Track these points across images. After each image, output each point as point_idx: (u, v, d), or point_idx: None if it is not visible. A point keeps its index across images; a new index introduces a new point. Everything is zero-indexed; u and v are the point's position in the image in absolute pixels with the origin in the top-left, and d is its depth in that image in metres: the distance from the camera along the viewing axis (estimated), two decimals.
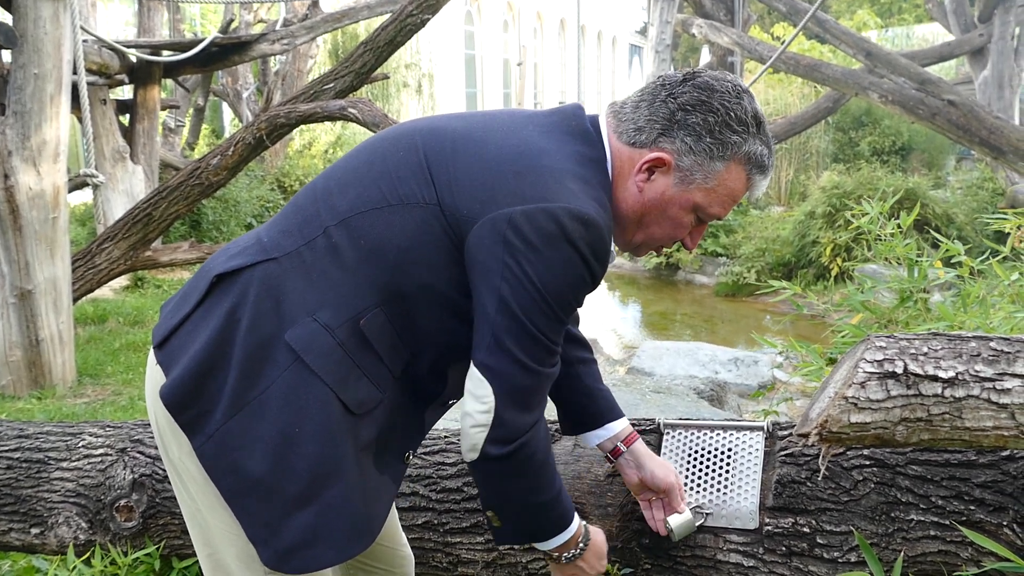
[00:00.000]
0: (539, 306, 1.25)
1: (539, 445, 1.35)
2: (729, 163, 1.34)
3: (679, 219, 1.38)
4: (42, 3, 4.03)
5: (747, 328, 7.11)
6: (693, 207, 1.36)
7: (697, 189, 1.35)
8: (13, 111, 4.17)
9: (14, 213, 4.26)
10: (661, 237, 1.41)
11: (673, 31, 10.59)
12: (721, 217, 1.40)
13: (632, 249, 1.45)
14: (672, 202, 1.36)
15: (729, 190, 1.36)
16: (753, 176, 1.37)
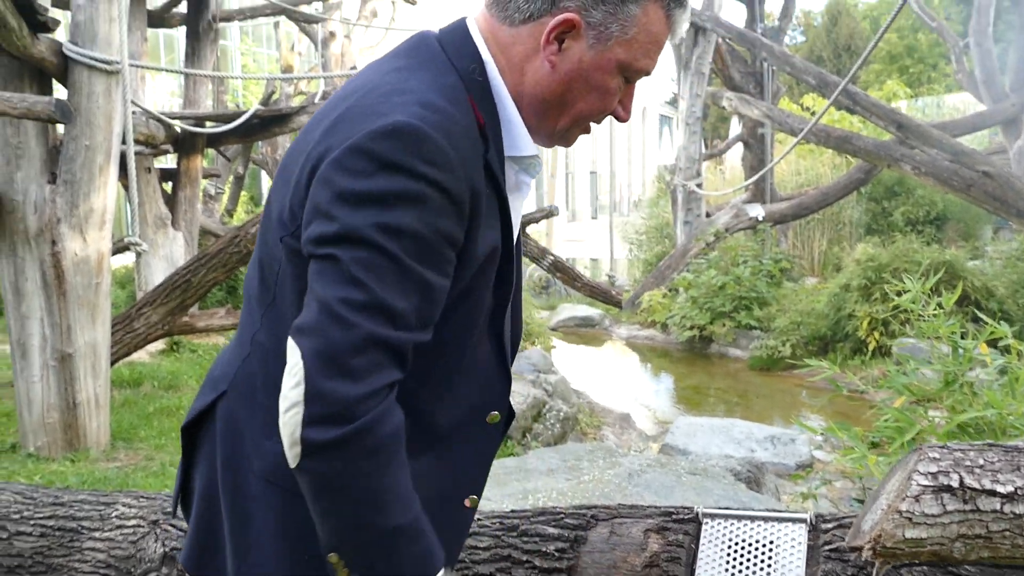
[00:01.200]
0: (360, 242, 1.04)
1: (385, 437, 1.05)
2: (643, 3, 1.16)
3: (605, 85, 1.19)
4: (96, 79, 4.19)
5: (783, 404, 7.01)
6: (618, 66, 1.18)
7: (616, 44, 1.16)
8: (64, 180, 4.29)
9: (59, 278, 4.35)
10: (590, 112, 1.22)
11: (704, 103, 10.72)
12: (650, 71, 1.22)
13: (561, 137, 1.25)
14: (593, 67, 1.17)
15: (651, 35, 1.18)
16: (672, 11, 1.18)
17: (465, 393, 1.23)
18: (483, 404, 1.26)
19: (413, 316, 1.07)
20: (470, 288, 1.17)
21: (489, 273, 1.20)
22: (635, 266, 13.95)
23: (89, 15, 4.16)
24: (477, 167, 1.12)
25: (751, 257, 9.20)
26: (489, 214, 1.15)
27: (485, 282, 1.19)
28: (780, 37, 11.63)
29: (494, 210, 1.17)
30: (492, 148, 1.16)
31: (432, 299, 1.09)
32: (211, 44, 8.18)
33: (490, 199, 1.15)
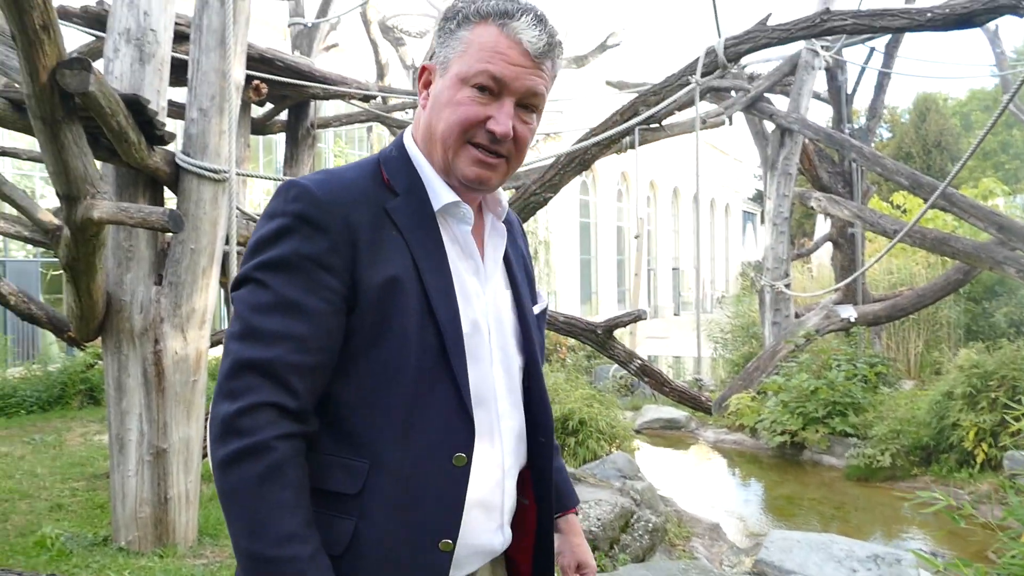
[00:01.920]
0: (244, 282, 1.29)
1: (262, 465, 1.19)
2: (471, 27, 1.35)
3: (452, 98, 1.35)
4: (204, 186, 4.40)
5: (883, 518, 6.63)
6: (457, 80, 1.35)
7: (453, 63, 1.36)
8: (169, 281, 4.47)
9: (159, 376, 4.48)
10: (451, 127, 1.35)
11: (791, 203, 10.61)
12: (493, 73, 1.33)
13: (450, 167, 1.39)
14: (442, 90, 1.37)
15: (480, 45, 1.34)
16: (503, 23, 1.34)
17: (423, 435, 1.30)
18: (445, 446, 1.31)
19: (286, 337, 1.24)
20: (383, 319, 1.30)
21: (402, 306, 1.30)
22: (720, 366, 13.65)
23: (201, 128, 4.41)
24: (363, 209, 1.32)
25: (845, 360, 8.89)
26: (383, 249, 1.31)
27: (400, 315, 1.30)
28: (869, 137, 11.51)
29: (395, 248, 1.32)
30: (402, 201, 1.36)
31: (307, 318, 1.25)
32: (309, 149, 8.55)
33: (388, 238, 1.32)
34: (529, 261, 1.64)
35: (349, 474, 1.29)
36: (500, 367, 1.44)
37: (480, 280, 1.44)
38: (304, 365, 1.25)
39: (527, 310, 1.52)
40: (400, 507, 1.29)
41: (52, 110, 3.35)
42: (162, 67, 4.53)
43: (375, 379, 1.30)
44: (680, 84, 5.31)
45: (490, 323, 1.43)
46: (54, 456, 7.02)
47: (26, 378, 9.86)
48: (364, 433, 1.30)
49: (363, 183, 1.37)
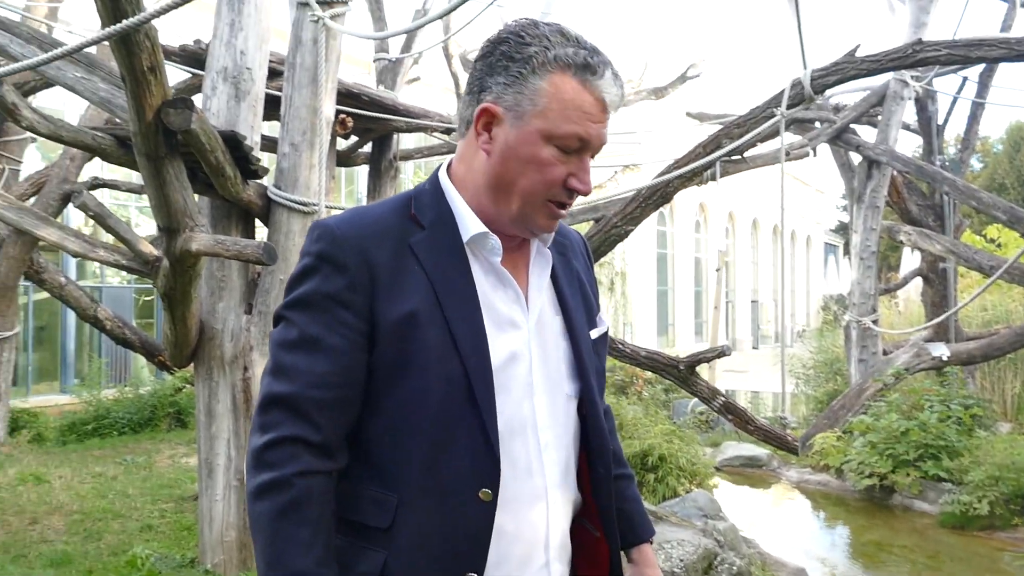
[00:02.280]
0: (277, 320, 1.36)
1: (283, 500, 1.25)
2: (546, 75, 1.30)
3: (536, 156, 1.31)
4: (294, 219, 4.53)
5: (980, 569, 6.31)
6: (541, 136, 1.31)
7: (532, 117, 1.30)
8: (258, 311, 4.60)
9: (248, 402, 4.60)
10: (535, 186, 1.33)
11: (878, 237, 10.32)
12: (582, 135, 1.31)
13: (524, 219, 1.37)
14: (519, 144, 1.31)
15: (564, 102, 1.30)
16: (584, 78, 1.30)
17: (447, 469, 1.32)
18: (469, 481, 1.31)
19: (308, 373, 1.29)
20: (402, 355, 1.32)
21: (422, 341, 1.31)
22: (802, 402, 13.29)
23: (293, 162, 4.55)
24: (385, 245, 1.33)
25: (938, 401, 8.53)
26: (402, 285, 1.32)
27: (420, 350, 1.31)
28: (962, 169, 11.14)
29: (415, 283, 1.33)
30: (427, 234, 1.36)
31: (327, 355, 1.30)
32: (391, 181, 8.71)
33: (408, 273, 1.33)
34: (590, 281, 1.60)
35: (380, 508, 1.33)
36: (544, 397, 1.42)
37: (521, 308, 1.42)
38: (325, 400, 1.30)
39: (580, 336, 1.48)
40: (426, 541, 1.32)
41: (156, 147, 3.51)
42: (256, 104, 4.70)
43: (398, 415, 1.33)
44: (765, 116, 5.25)
45: (532, 352, 1.42)
46: (144, 477, 7.25)
47: (119, 400, 10.24)
48: (392, 468, 1.34)
49: (388, 219, 1.38)
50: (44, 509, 5.98)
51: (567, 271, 1.53)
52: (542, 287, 1.46)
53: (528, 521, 1.38)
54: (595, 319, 1.56)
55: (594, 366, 1.50)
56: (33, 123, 4.12)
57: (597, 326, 1.56)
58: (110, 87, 4.28)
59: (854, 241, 10.45)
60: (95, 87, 4.28)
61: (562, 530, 1.45)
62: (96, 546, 5.18)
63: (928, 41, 4.80)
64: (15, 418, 9.31)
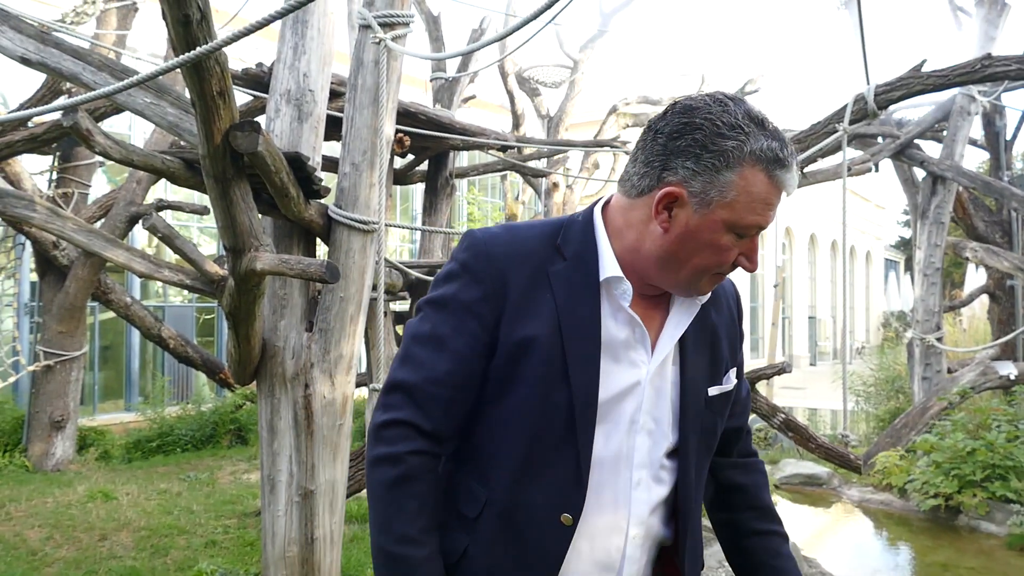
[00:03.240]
0: (417, 310, 1.47)
1: (392, 473, 1.38)
2: (738, 169, 1.32)
3: (716, 242, 1.36)
4: (354, 237, 4.59)
5: None
6: (724, 225, 1.35)
7: (718, 207, 1.33)
8: (319, 328, 4.66)
9: (309, 419, 4.65)
10: (708, 264, 1.38)
11: (943, 254, 10.08)
12: (761, 225, 1.36)
13: (687, 286, 1.42)
14: (701, 229, 1.35)
15: (752, 195, 1.33)
16: (773, 173, 1.33)
17: (535, 488, 1.41)
18: (554, 504, 1.40)
19: (430, 368, 1.41)
20: (511, 375, 1.41)
21: (534, 365, 1.39)
22: (863, 420, 13.00)
23: (353, 181, 4.62)
24: (524, 269, 1.42)
25: (1005, 421, 8.28)
26: (530, 309, 1.40)
27: (529, 374, 1.40)
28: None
29: (543, 310, 1.40)
30: (566, 266, 1.43)
31: (449, 356, 1.41)
32: (447, 199, 8.79)
33: (539, 300, 1.41)
34: (730, 335, 1.61)
35: (472, 499, 1.45)
36: (646, 438, 1.47)
37: (645, 350, 1.46)
38: (440, 396, 1.42)
39: (691, 391, 1.50)
40: (505, 544, 1.42)
41: (224, 169, 3.59)
42: (319, 125, 4.78)
43: (500, 426, 1.44)
44: (827, 132, 5.18)
45: (645, 393, 1.46)
46: (207, 493, 7.38)
47: (181, 417, 10.46)
48: (487, 469, 1.45)
49: (534, 244, 1.46)
50: (112, 525, 6.13)
51: (698, 324, 1.54)
52: (673, 336, 1.49)
53: (603, 550, 1.45)
54: (721, 376, 1.57)
55: (700, 423, 1.52)
56: (106, 148, 4.25)
57: (721, 384, 1.57)
58: (178, 111, 4.40)
59: (918, 257, 10.22)
60: (164, 112, 4.41)
61: (639, 563, 1.50)
62: (163, 562, 5.28)
63: (998, 56, 4.69)
64: (83, 436, 9.56)
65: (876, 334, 31.67)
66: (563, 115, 13.23)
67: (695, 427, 1.51)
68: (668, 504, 1.53)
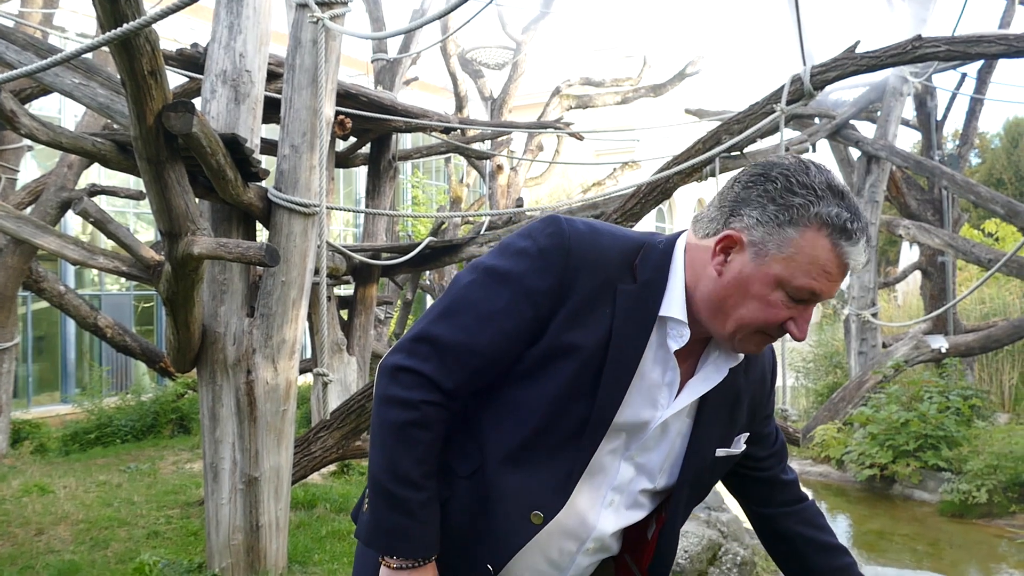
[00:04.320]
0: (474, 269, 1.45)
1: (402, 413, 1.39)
2: (802, 228, 1.31)
3: (764, 296, 1.34)
4: (295, 220, 4.53)
5: (980, 556, 6.35)
6: (776, 281, 1.33)
7: (774, 261, 1.32)
8: (260, 313, 4.60)
9: (251, 405, 4.60)
10: (752, 319, 1.36)
11: (877, 231, 10.34)
12: (816, 291, 1.33)
13: (731, 339, 1.41)
14: (752, 279, 1.34)
15: (811, 257, 1.31)
16: (837, 242, 1.31)
17: (521, 475, 1.43)
18: (532, 498, 1.43)
19: (469, 334, 1.40)
20: (539, 371, 1.42)
21: (566, 373, 1.40)
22: (803, 395, 13.33)
23: (293, 164, 4.55)
24: (595, 279, 1.39)
25: (937, 392, 8.57)
26: (586, 320, 1.39)
27: (557, 377, 1.41)
28: (960, 164, 11.16)
29: (598, 325, 1.39)
30: (635, 289, 1.41)
31: (493, 331, 1.39)
32: (390, 181, 8.73)
33: (598, 313, 1.39)
34: (755, 401, 1.61)
35: (465, 457, 1.47)
36: (632, 468, 1.50)
37: (670, 394, 1.47)
38: (470, 365, 1.42)
39: (698, 449, 1.52)
40: (474, 515, 1.46)
41: (157, 151, 3.50)
42: (256, 106, 4.70)
43: (511, 407, 1.45)
44: (764, 112, 5.25)
45: (650, 431, 1.48)
46: (149, 484, 7.24)
47: (121, 408, 10.22)
48: (485, 440, 1.47)
49: (613, 255, 1.43)
50: (49, 519, 5.97)
51: (726, 385, 1.52)
52: (699, 391, 1.49)
53: (558, 549, 1.50)
54: (731, 440, 1.58)
55: (695, 479, 1.55)
56: (32, 130, 4.12)
57: (730, 447, 1.57)
58: (109, 92, 4.28)
59: None
60: (94, 92, 4.28)
61: (586, 570, 1.56)
62: (103, 555, 5.17)
63: (928, 37, 4.79)
64: (17, 429, 9.29)
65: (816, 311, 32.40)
66: (506, 97, 13.20)
67: (692, 481, 1.55)
68: (634, 531, 1.57)
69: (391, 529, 1.41)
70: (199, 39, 6.38)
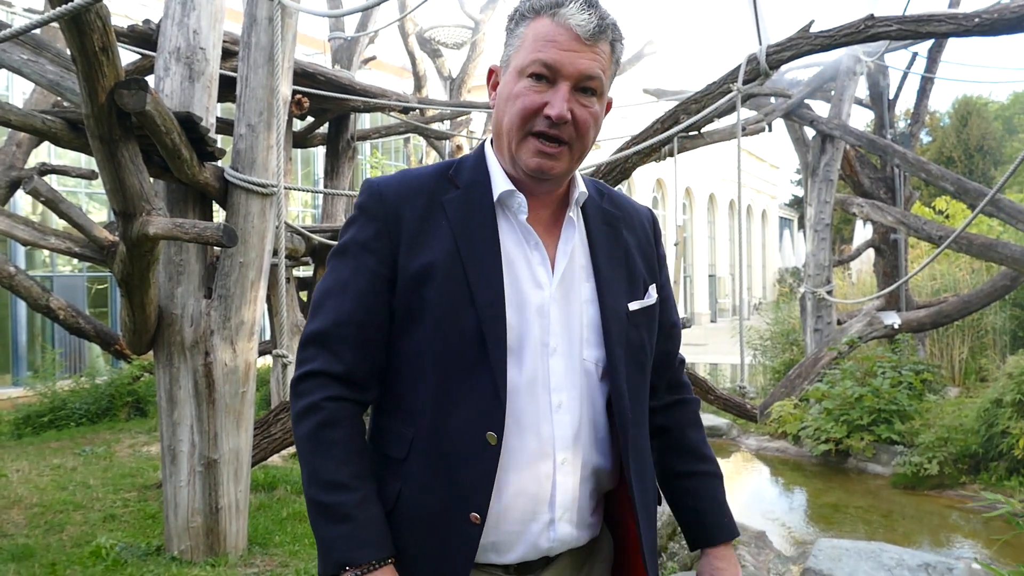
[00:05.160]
0: (326, 266, 1.50)
1: (309, 423, 1.40)
2: (525, 24, 1.43)
3: (511, 91, 1.42)
4: (253, 200, 4.48)
5: (931, 526, 6.52)
6: (516, 72, 1.42)
7: (512, 60, 1.44)
8: (218, 295, 4.55)
9: (210, 387, 4.56)
10: (513, 119, 1.42)
11: (832, 210, 10.50)
12: (546, 61, 1.39)
13: (517, 156, 1.44)
14: (503, 87, 1.45)
15: (533, 37, 1.40)
16: (553, 13, 1.39)
17: (456, 412, 1.39)
18: (477, 426, 1.38)
19: (335, 312, 1.43)
20: (417, 304, 1.41)
21: (439, 291, 1.40)
22: (760, 373, 13.53)
23: (250, 143, 4.49)
24: (418, 202, 1.45)
25: (890, 367, 8.76)
26: (426, 239, 1.43)
27: (435, 300, 1.40)
28: (912, 142, 11.35)
29: (439, 237, 1.42)
30: (459, 194, 1.47)
31: (352, 297, 1.43)
32: (349, 161, 8.65)
33: (434, 228, 1.43)
34: (645, 254, 1.61)
35: (398, 440, 1.43)
36: (561, 359, 1.45)
37: (546, 270, 1.47)
38: (347, 336, 1.43)
39: (609, 305, 1.49)
40: (435, 477, 1.40)
41: (110, 129, 3.44)
42: (211, 84, 4.62)
43: (414, 359, 1.43)
44: (721, 92, 5.30)
45: (552, 314, 1.45)
46: (105, 468, 7.15)
47: (75, 391, 10.05)
48: (409, 406, 1.44)
49: (427, 180, 1.50)
50: (2, 503, 5.88)
51: (611, 241, 1.55)
52: (567, 252, 1.49)
53: (532, 477, 1.42)
54: (641, 292, 1.56)
55: (623, 336, 1.50)
56: None
57: (642, 299, 1.56)
58: (59, 69, 4.19)
59: (808, 214, 10.63)
60: (43, 69, 4.18)
61: (573, 491, 1.47)
62: (58, 538, 5.11)
63: (880, 17, 4.86)
64: None
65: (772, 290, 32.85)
66: (465, 76, 13.13)
67: (620, 341, 1.49)
68: (602, 428, 1.50)
69: (333, 543, 1.36)
70: (151, 16, 6.25)
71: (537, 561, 1.48)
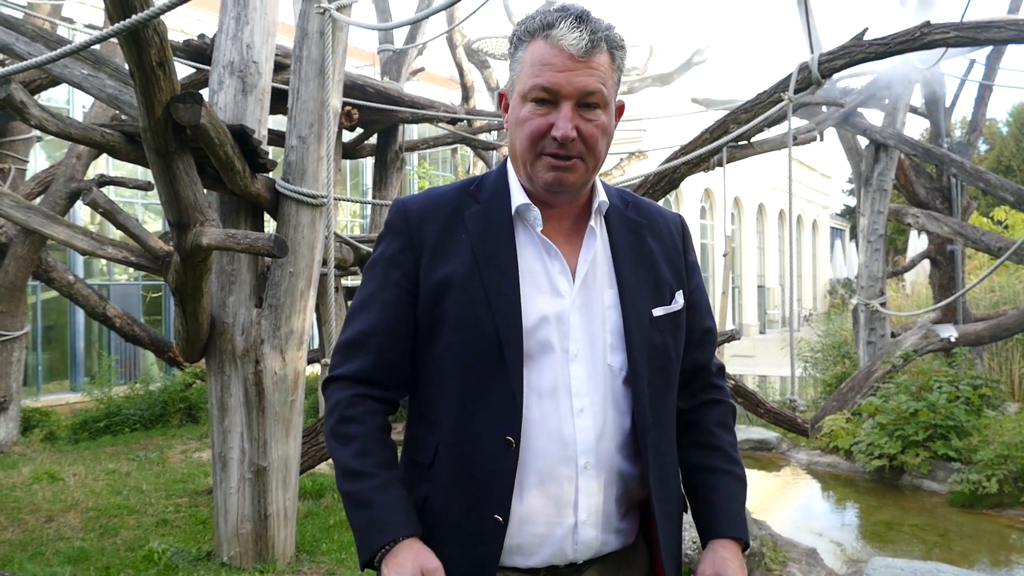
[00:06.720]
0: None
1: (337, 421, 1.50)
2: (523, 49, 1.47)
3: (519, 117, 1.46)
4: (303, 211, 4.54)
5: (990, 546, 6.33)
6: (520, 98, 1.46)
7: (515, 85, 1.48)
8: (269, 304, 4.62)
9: (260, 395, 4.62)
10: (524, 143, 1.46)
11: (886, 220, 10.29)
12: (544, 85, 1.42)
13: (534, 179, 1.49)
14: (512, 113, 1.49)
15: (534, 59, 1.44)
16: (546, 36, 1.42)
17: (477, 418, 1.44)
18: (495, 430, 1.43)
19: (364, 322, 1.52)
20: (438, 316, 1.48)
21: (458, 302, 1.45)
22: (810, 385, 13.29)
23: (300, 155, 4.56)
24: (440, 217, 1.52)
25: (946, 382, 8.53)
26: (446, 252, 1.49)
27: (455, 311, 1.46)
28: (969, 151, 11.09)
29: (459, 250, 1.48)
30: (479, 208, 1.52)
31: (379, 308, 1.52)
32: (397, 172, 8.73)
33: (455, 242, 1.49)
34: (672, 260, 1.62)
35: (425, 446, 1.50)
36: (583, 365, 1.48)
37: (567, 278, 1.50)
38: (370, 344, 1.52)
39: (632, 311, 1.51)
40: (459, 479, 1.46)
41: (166, 142, 3.52)
42: (263, 97, 4.70)
43: (437, 368, 1.49)
44: (772, 101, 5.23)
45: (573, 320, 1.48)
46: (158, 473, 7.29)
47: (129, 397, 10.27)
48: (434, 413, 1.50)
49: (450, 196, 1.56)
50: (59, 507, 6.03)
51: (634, 248, 1.57)
52: (588, 259, 1.53)
53: (554, 480, 1.45)
54: (666, 298, 1.57)
55: (646, 341, 1.51)
56: (42, 121, 4.13)
57: (668, 305, 1.57)
58: (117, 83, 4.29)
59: (861, 224, 10.43)
60: (102, 84, 4.29)
61: (597, 495, 1.47)
62: (112, 542, 5.21)
63: (936, 24, 4.76)
64: (27, 417, 9.35)
65: (823, 301, 32.32)
66: None
67: (642, 347, 1.50)
68: (628, 432, 1.51)
69: (362, 531, 1.44)
70: (206, 30, 6.38)
71: (565, 568, 1.49)
